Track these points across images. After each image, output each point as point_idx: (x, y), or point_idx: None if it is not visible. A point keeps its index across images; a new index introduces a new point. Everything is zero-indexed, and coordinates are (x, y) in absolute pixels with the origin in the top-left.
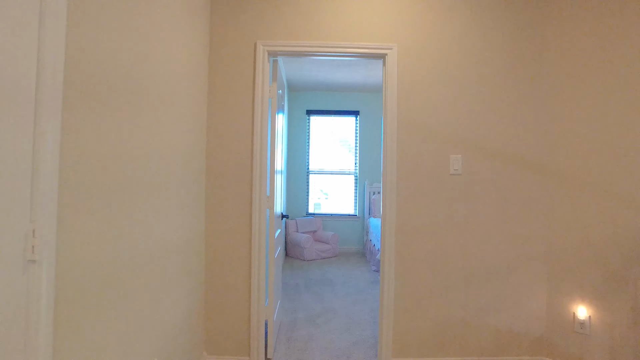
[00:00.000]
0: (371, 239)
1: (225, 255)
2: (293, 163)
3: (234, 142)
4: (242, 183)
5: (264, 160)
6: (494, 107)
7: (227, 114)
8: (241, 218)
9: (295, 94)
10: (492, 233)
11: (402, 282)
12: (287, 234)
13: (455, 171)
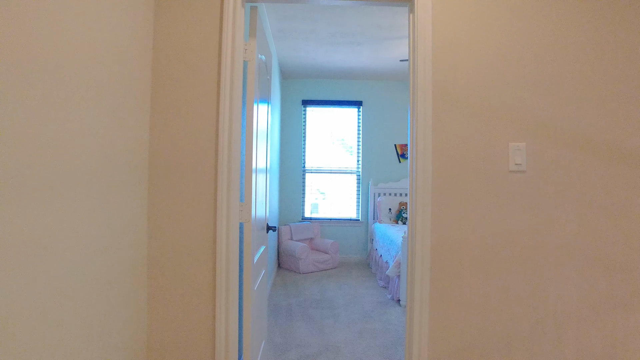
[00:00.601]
0: (377, 248)
1: (176, 294)
2: (287, 160)
3: (189, 129)
4: (202, 186)
5: (234, 153)
6: (584, 73)
7: (181, 89)
8: (200, 237)
9: (289, 82)
10: (575, 257)
11: (439, 333)
12: (279, 242)
13: (517, 166)
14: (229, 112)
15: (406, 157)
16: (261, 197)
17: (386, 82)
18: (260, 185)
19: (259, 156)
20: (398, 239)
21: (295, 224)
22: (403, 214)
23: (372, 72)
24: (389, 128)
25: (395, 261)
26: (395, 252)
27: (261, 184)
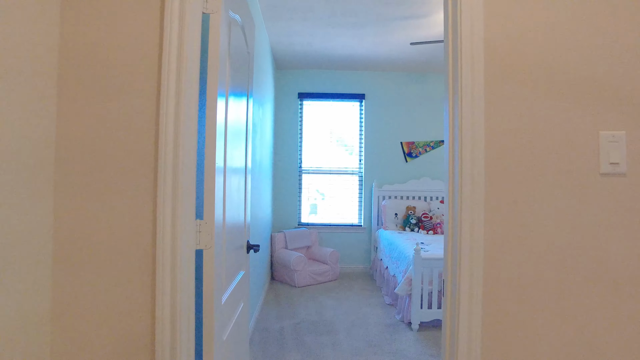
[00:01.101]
0: (382, 258)
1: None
2: (281, 160)
3: (115, 115)
4: (135, 197)
5: (185, 150)
6: None
7: (101, 57)
8: (133, 273)
9: (283, 73)
10: None
11: None
12: (272, 251)
13: (613, 167)
14: (175, 87)
15: (413, 156)
16: (236, 209)
17: (392, 74)
18: (234, 192)
19: (232, 154)
20: (408, 251)
21: (290, 230)
22: (411, 219)
23: (376, 61)
24: (394, 124)
25: (405, 277)
26: (404, 266)
27: (235, 191)
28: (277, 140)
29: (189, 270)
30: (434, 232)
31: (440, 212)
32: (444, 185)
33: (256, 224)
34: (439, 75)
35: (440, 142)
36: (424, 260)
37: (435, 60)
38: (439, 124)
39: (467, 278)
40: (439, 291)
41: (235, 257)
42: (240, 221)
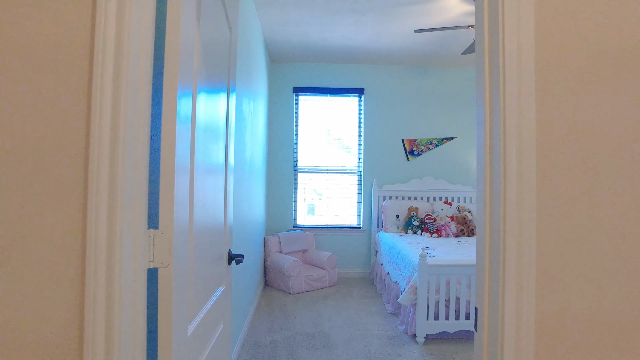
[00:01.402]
0: (382, 263)
1: None
2: (275, 159)
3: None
4: (58, 200)
5: (134, 140)
6: None
7: None
8: (53, 308)
9: (278, 66)
10: None
11: None
12: (266, 256)
13: None
14: (112, 67)
15: (415, 155)
16: (211, 213)
17: (393, 67)
18: (208, 194)
19: (205, 151)
20: (412, 256)
21: (285, 233)
22: (413, 221)
23: (376, 53)
24: (395, 120)
25: (409, 286)
26: (408, 272)
27: (211, 193)
28: (272, 137)
29: (137, 299)
30: (438, 235)
31: (444, 213)
32: (461, 187)
33: (246, 227)
34: (444, 69)
35: (444, 139)
36: (431, 267)
37: (440, 53)
38: (442, 120)
39: (511, 323)
40: (447, 300)
41: (212, 272)
42: (219, 228)
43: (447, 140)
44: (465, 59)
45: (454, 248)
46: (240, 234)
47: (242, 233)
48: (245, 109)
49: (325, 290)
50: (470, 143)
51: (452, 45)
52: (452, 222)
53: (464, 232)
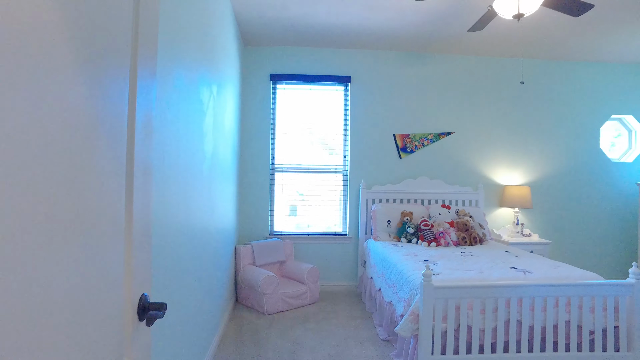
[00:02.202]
0: (372, 277)
1: None
2: (249, 156)
3: None
4: None
5: None
6: None
7: None
8: None
9: (252, 50)
10: None
11: None
12: (237, 269)
13: None
14: None
15: (408, 152)
16: (85, 246)
17: (384, 53)
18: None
19: None
20: (411, 274)
21: (259, 242)
22: (407, 228)
23: (366, 35)
24: (386, 113)
25: (410, 312)
26: (407, 294)
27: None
28: (245, 131)
29: None
30: (437, 244)
31: (442, 218)
32: (449, 187)
33: (204, 237)
34: (441, 55)
35: (441, 134)
36: (438, 289)
37: (439, 35)
38: (439, 113)
39: None
40: (456, 330)
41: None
42: (108, 270)
43: (443, 136)
44: (466, 44)
45: (459, 262)
46: (192, 249)
47: (200, 242)
48: (205, 97)
49: (305, 310)
50: (470, 139)
51: (454, 25)
52: (452, 229)
53: (466, 240)
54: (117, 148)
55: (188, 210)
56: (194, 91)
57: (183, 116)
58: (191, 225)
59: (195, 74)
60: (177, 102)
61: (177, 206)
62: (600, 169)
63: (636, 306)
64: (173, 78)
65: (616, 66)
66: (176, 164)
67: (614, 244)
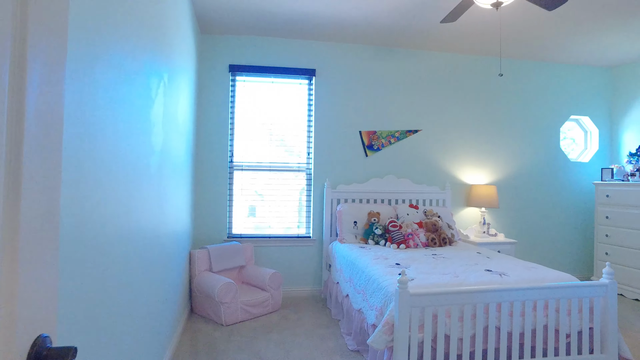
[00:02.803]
0: (338, 281)
1: None
2: (205, 153)
3: None
4: None
5: None
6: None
7: None
8: None
9: (210, 38)
10: None
11: None
12: (192, 276)
13: None
14: None
15: (374, 149)
16: None
17: (351, 46)
18: None
19: None
20: (383, 280)
21: (217, 245)
22: (375, 229)
23: (332, 26)
24: (352, 109)
25: (384, 323)
26: (379, 301)
27: None
28: (201, 125)
29: None
30: (406, 246)
31: (410, 219)
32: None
33: (152, 241)
34: (411, 51)
35: (408, 132)
36: (414, 297)
37: (408, 30)
38: (406, 110)
39: None
40: (433, 340)
41: None
42: None
43: (410, 134)
44: (436, 40)
45: (432, 265)
46: (135, 256)
47: (143, 253)
48: (153, 83)
49: (267, 319)
50: (437, 137)
51: (425, 18)
52: (421, 230)
53: (436, 241)
54: None
55: (130, 212)
56: (136, 73)
57: (120, 100)
58: (135, 228)
59: (141, 56)
60: (114, 85)
61: (115, 207)
62: (560, 169)
63: (610, 306)
64: (108, 59)
65: (576, 68)
66: (113, 156)
67: (573, 242)
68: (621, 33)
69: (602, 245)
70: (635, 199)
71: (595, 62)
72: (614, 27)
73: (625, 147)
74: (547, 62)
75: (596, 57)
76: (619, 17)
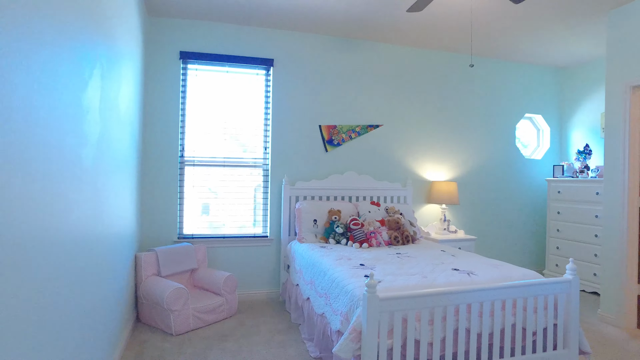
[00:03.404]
0: (298, 283)
1: None
2: (154, 146)
3: None
4: None
5: None
6: None
7: None
8: None
9: (159, 21)
10: None
11: None
12: (138, 281)
13: None
14: None
15: (335, 144)
16: None
17: (312, 36)
18: None
19: None
20: (349, 283)
21: (165, 247)
22: (336, 228)
23: (291, 14)
24: (312, 102)
25: (351, 329)
26: (345, 306)
27: None
28: (148, 117)
29: None
30: (369, 245)
31: (372, 216)
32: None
33: (94, 244)
34: (373, 42)
35: (369, 126)
36: (384, 301)
37: (371, 21)
38: (367, 104)
39: None
40: (402, 346)
41: None
42: None
43: (371, 129)
44: (402, 33)
45: (398, 265)
46: (65, 261)
47: (74, 259)
48: (86, 65)
49: (222, 325)
50: (398, 132)
51: (394, 7)
52: (383, 228)
53: (399, 239)
54: None
55: (53, 214)
56: (62, 46)
57: (41, 78)
58: (59, 231)
59: (70, 28)
60: (31, 56)
61: (28, 207)
62: (516, 165)
63: (572, 302)
64: (26, 24)
65: (531, 67)
66: (25, 147)
67: (528, 237)
68: (571, 36)
69: (553, 239)
70: (584, 194)
71: (549, 62)
72: (566, 29)
73: (574, 145)
74: (506, 60)
75: (549, 58)
76: (571, 20)
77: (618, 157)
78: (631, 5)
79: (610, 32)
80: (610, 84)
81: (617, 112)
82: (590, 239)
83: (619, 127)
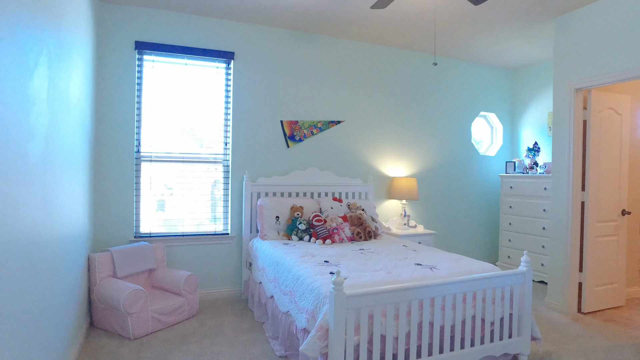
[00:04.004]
0: (261, 281)
1: None
2: (107, 141)
3: None
4: None
5: None
6: None
7: None
8: None
9: (112, 8)
10: None
11: None
12: (91, 284)
13: None
14: None
15: (296, 140)
16: None
17: (273, 29)
18: None
19: None
20: (314, 280)
21: (121, 247)
22: (298, 224)
23: (253, 6)
24: (273, 97)
25: (318, 327)
26: (311, 303)
27: None
28: (101, 110)
29: None
30: (332, 241)
31: (334, 212)
32: (338, 179)
33: (40, 247)
34: (334, 38)
35: (331, 122)
36: (351, 298)
37: (334, 16)
38: (328, 100)
39: None
40: (369, 342)
41: None
42: None
43: (333, 124)
44: (365, 30)
45: (362, 261)
46: (7, 265)
47: (17, 263)
48: (32, 52)
49: (183, 326)
50: (360, 129)
51: (357, 2)
52: (346, 224)
53: (361, 235)
54: None
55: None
56: (2, 27)
57: None
58: (8, 231)
59: (9, 9)
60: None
61: None
62: (472, 162)
63: (526, 292)
64: None
65: (486, 68)
66: None
67: (483, 230)
68: (522, 39)
69: (505, 232)
70: (533, 189)
71: (502, 64)
72: (517, 33)
73: (524, 143)
74: (464, 60)
75: (503, 59)
76: (521, 25)
77: (564, 154)
78: (574, 13)
79: (556, 38)
80: (557, 86)
81: (564, 112)
82: (539, 232)
83: (565, 126)
